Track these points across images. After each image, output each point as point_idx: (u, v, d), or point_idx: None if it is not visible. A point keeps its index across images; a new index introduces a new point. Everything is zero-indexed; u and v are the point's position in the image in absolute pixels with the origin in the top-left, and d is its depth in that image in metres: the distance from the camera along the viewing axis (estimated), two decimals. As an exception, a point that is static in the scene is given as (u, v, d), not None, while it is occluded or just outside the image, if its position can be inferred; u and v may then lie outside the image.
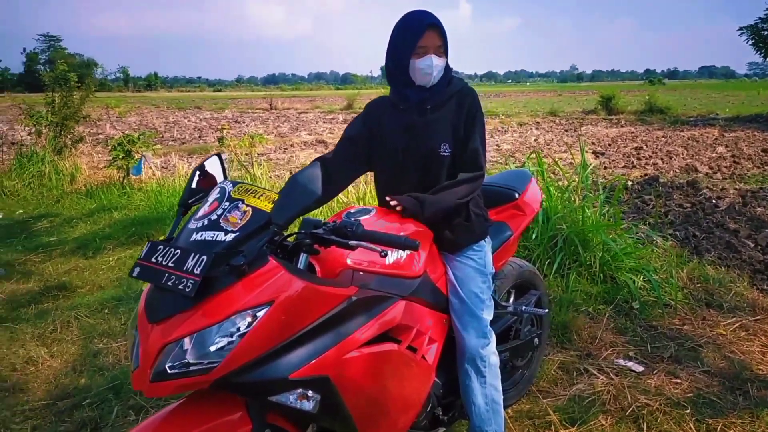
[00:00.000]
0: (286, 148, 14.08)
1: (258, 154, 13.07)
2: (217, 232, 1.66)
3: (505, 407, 2.86)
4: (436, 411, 2.32)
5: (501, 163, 10.25)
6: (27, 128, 8.81)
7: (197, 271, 1.54)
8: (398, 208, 2.08)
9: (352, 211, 2.19)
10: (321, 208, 4.45)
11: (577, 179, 4.70)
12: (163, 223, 6.01)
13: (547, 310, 2.75)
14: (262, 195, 1.75)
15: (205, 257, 1.55)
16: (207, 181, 1.98)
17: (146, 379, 1.55)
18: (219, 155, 2.03)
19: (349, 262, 1.90)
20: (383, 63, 2.26)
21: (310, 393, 1.69)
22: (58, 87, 8.77)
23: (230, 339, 1.56)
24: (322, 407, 1.74)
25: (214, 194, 1.80)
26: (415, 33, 2.12)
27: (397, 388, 1.96)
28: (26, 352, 3.45)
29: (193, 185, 1.94)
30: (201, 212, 1.76)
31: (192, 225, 1.72)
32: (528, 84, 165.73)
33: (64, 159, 8.55)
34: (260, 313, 1.57)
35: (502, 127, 19.16)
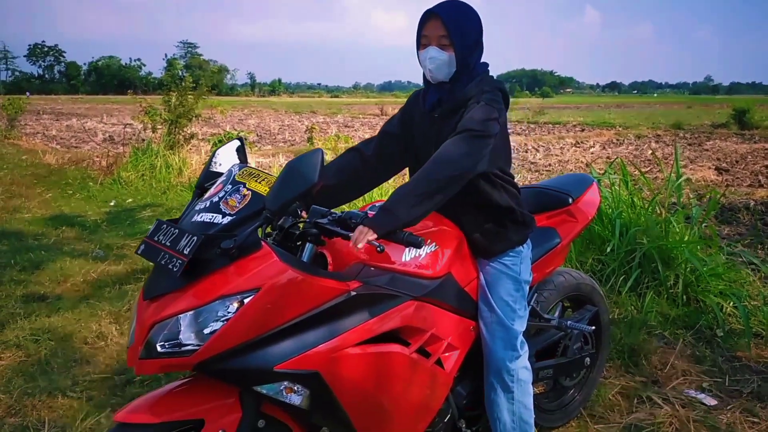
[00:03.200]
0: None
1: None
2: (215, 215, 1.65)
3: (550, 429, 2.65)
4: (459, 423, 2.18)
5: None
6: (143, 124, 9.48)
7: (186, 251, 1.54)
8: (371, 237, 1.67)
9: (377, 205, 2.12)
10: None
11: (666, 191, 4.29)
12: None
13: (593, 327, 2.51)
14: (264, 180, 1.72)
15: (195, 238, 1.55)
16: (226, 164, 1.98)
17: (137, 355, 1.57)
18: (241, 139, 2.03)
19: (362, 255, 1.84)
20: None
21: (297, 387, 1.64)
22: (175, 87, 9.39)
23: (221, 322, 1.55)
24: (313, 403, 1.68)
25: (222, 177, 1.80)
26: (420, 23, 1.99)
27: (402, 392, 1.86)
28: (99, 328, 3.67)
29: (212, 168, 1.95)
30: (208, 194, 1.77)
31: (198, 206, 1.73)
32: (655, 95, 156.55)
33: (175, 154, 9.13)
34: (247, 299, 1.55)
35: (617, 139, 18.15)
